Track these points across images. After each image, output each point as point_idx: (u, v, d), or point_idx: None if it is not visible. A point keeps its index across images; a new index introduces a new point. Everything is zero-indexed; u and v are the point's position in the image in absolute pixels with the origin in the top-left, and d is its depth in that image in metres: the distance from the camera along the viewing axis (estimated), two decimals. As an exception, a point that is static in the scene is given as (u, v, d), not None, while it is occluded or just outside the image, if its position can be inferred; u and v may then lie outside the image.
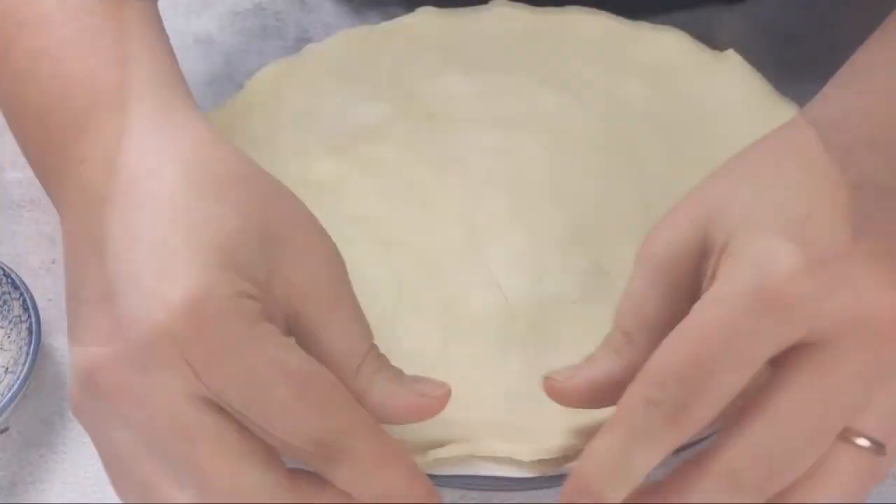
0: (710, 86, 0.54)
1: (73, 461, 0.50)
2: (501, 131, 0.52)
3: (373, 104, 0.54)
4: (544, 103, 0.54)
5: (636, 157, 0.51)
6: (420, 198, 0.49)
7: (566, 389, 0.37)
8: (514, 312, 0.44)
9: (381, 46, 0.58)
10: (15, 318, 0.52)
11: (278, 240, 0.36)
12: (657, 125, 0.52)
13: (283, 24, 0.76)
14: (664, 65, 0.56)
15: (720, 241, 0.34)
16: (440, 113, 0.54)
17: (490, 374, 0.42)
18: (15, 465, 0.50)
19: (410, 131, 0.52)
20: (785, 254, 0.32)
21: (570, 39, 0.58)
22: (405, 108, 0.54)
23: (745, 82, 0.53)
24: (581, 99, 0.54)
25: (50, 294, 0.58)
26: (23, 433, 0.51)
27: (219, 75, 0.72)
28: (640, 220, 0.47)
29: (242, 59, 0.73)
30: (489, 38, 0.56)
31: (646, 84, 0.55)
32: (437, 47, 0.57)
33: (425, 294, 0.45)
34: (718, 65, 0.55)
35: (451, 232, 0.47)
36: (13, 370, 0.50)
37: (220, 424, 0.33)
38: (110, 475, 0.37)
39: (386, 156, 0.51)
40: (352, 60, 0.57)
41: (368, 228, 0.48)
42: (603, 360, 0.36)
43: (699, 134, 0.52)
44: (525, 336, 0.43)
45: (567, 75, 0.56)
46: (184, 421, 0.33)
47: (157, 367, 0.33)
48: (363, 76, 0.56)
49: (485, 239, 0.47)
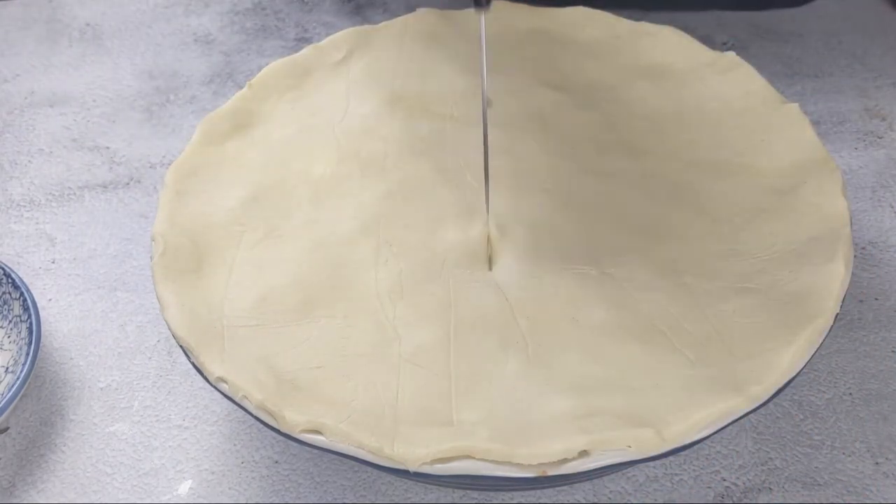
0: (710, 86, 0.54)
1: (73, 461, 0.50)
2: (501, 131, 0.52)
3: (373, 104, 0.54)
4: (544, 103, 0.54)
5: (636, 156, 0.51)
6: (420, 197, 0.49)
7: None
8: (514, 312, 0.44)
9: (381, 46, 0.58)
10: (15, 318, 0.52)
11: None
12: (657, 125, 0.52)
13: (283, 24, 0.76)
14: (664, 65, 0.56)
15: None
16: (440, 113, 0.54)
17: (490, 374, 0.42)
18: (15, 465, 0.50)
19: (411, 131, 0.52)
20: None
21: (571, 39, 0.58)
22: (405, 107, 0.54)
23: (745, 82, 0.53)
24: (581, 99, 0.54)
25: (50, 294, 0.58)
26: (23, 433, 0.51)
27: (219, 74, 0.72)
28: (640, 219, 0.47)
29: (242, 58, 0.73)
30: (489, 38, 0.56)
31: (646, 84, 0.55)
32: (436, 47, 0.57)
33: (426, 294, 0.45)
34: (718, 65, 0.55)
35: (451, 231, 0.47)
36: (13, 370, 0.50)
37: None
38: None
39: (386, 155, 0.51)
40: (353, 60, 0.57)
41: (368, 228, 0.48)
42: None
43: (699, 134, 0.52)
44: (525, 336, 0.43)
45: (567, 75, 0.56)
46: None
47: None
48: (363, 76, 0.56)
49: (485, 238, 0.47)
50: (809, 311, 0.42)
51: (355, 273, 0.46)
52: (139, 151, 0.66)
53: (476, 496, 0.47)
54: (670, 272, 0.45)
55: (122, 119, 0.69)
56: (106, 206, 0.63)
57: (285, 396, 0.41)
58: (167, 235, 0.47)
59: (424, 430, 0.39)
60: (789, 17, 0.72)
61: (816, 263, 0.44)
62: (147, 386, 0.53)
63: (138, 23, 0.77)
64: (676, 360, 0.41)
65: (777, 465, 0.47)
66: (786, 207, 0.47)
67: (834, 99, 0.65)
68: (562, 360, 0.42)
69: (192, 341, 0.43)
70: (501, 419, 0.40)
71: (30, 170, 0.66)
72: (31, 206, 0.63)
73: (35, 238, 0.61)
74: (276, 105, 0.55)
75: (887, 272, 0.55)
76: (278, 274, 0.46)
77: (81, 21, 0.78)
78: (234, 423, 0.51)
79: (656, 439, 0.38)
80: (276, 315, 0.45)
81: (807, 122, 0.51)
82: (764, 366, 0.40)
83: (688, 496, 0.46)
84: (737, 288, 0.44)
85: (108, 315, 0.57)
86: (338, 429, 0.39)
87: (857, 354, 0.51)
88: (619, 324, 0.43)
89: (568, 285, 0.45)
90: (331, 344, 0.43)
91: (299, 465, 0.49)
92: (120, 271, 0.59)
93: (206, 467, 0.49)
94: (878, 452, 0.47)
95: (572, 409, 0.40)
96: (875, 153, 0.62)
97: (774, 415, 0.49)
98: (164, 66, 0.73)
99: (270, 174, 0.51)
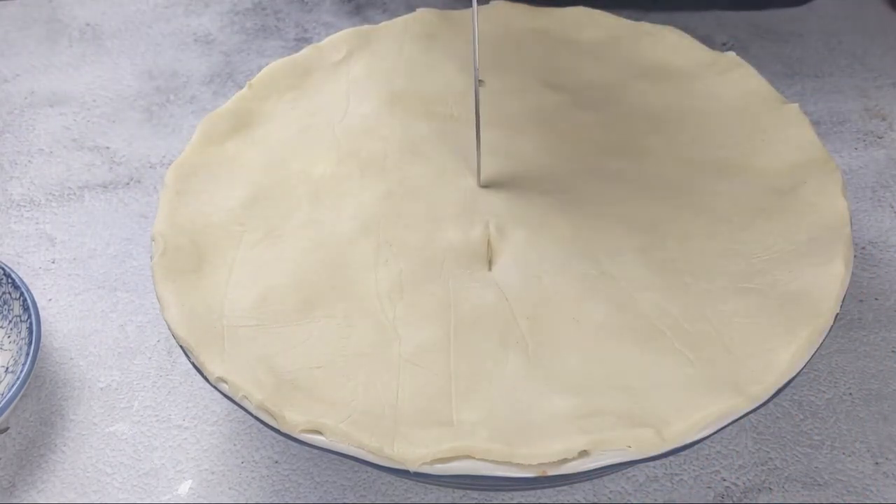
0: (710, 86, 0.54)
1: (73, 461, 0.50)
2: (501, 131, 0.52)
3: (373, 104, 0.54)
4: (544, 103, 0.54)
5: (636, 156, 0.51)
6: (420, 197, 0.49)
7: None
8: (514, 312, 0.44)
9: (381, 46, 0.58)
10: (15, 318, 0.52)
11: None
12: (657, 125, 0.52)
13: (283, 24, 0.76)
14: (664, 65, 0.56)
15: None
16: (440, 112, 0.54)
17: (490, 373, 0.42)
18: (15, 465, 0.50)
19: (411, 131, 0.52)
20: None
21: (571, 39, 0.58)
22: (405, 107, 0.54)
23: (745, 82, 0.53)
24: (581, 99, 0.54)
25: (50, 294, 0.58)
26: (23, 433, 0.51)
27: (219, 74, 0.72)
28: (640, 219, 0.47)
29: (242, 58, 0.73)
30: (489, 38, 0.56)
31: (646, 84, 0.55)
32: (436, 47, 0.57)
33: (426, 294, 0.45)
34: (718, 65, 0.55)
35: (451, 231, 0.47)
36: (13, 370, 0.50)
37: None
38: None
39: (386, 155, 0.51)
40: (353, 60, 0.57)
41: (368, 228, 0.48)
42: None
43: (699, 134, 0.52)
44: (525, 336, 0.43)
45: (567, 75, 0.56)
46: None
47: None
48: (363, 76, 0.56)
49: (485, 238, 0.47)
50: (809, 311, 0.42)
51: (355, 273, 0.46)
52: (139, 151, 0.66)
53: (476, 496, 0.47)
54: (670, 272, 0.45)
55: (122, 119, 0.69)
56: (106, 206, 0.63)
57: (285, 396, 0.41)
58: (167, 235, 0.47)
59: (424, 430, 0.39)
60: (789, 17, 0.72)
61: (816, 263, 0.44)
62: (147, 386, 0.53)
63: (138, 23, 0.77)
64: (676, 360, 0.41)
65: (777, 465, 0.47)
66: (786, 207, 0.47)
67: (834, 99, 0.65)
68: (562, 360, 0.42)
69: (192, 341, 0.43)
70: (501, 419, 0.40)
71: (30, 170, 0.66)
72: (31, 206, 0.63)
73: (35, 238, 0.61)
74: (276, 105, 0.55)
75: (887, 272, 0.55)
76: (278, 274, 0.46)
77: (81, 21, 0.78)
78: (234, 423, 0.51)
79: (656, 439, 0.38)
80: (276, 315, 0.45)
81: (807, 122, 0.51)
82: (764, 366, 0.40)
83: (688, 496, 0.46)
84: (737, 288, 0.44)
85: (108, 315, 0.57)
86: (338, 429, 0.39)
87: (857, 354, 0.51)
88: (619, 324, 0.43)
89: (568, 285, 0.44)
90: (331, 344, 0.43)
91: (299, 465, 0.49)
92: (120, 271, 0.59)
93: (206, 467, 0.49)
94: (878, 452, 0.47)
95: (572, 409, 0.40)
96: (875, 153, 0.62)
97: (774, 415, 0.49)
98: (164, 66, 0.73)
99: (270, 174, 0.51)
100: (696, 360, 0.41)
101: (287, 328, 0.44)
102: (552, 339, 0.43)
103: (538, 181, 0.49)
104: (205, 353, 0.43)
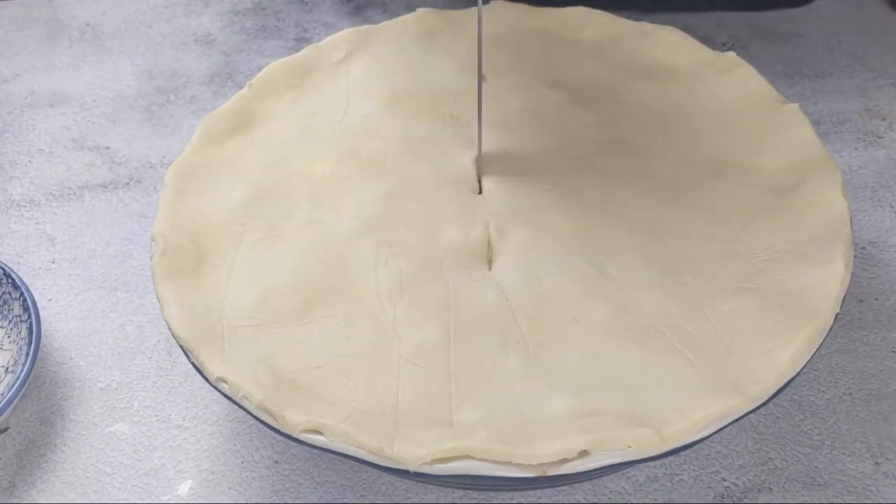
0: (710, 86, 0.54)
1: (73, 461, 0.50)
2: (502, 131, 0.52)
3: (373, 104, 0.54)
4: (544, 103, 0.54)
5: (636, 156, 0.51)
6: (420, 197, 0.49)
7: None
8: (514, 312, 0.44)
9: (381, 46, 0.58)
10: (15, 318, 0.52)
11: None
12: (657, 125, 0.52)
13: (283, 24, 0.76)
14: (664, 65, 0.56)
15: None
16: (440, 113, 0.54)
17: (490, 373, 0.42)
18: (15, 465, 0.50)
19: (411, 131, 0.52)
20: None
21: (571, 39, 0.58)
22: (405, 107, 0.54)
23: (745, 82, 0.53)
24: (581, 99, 0.54)
25: (50, 294, 0.58)
26: (23, 433, 0.51)
27: (219, 74, 0.72)
28: (640, 219, 0.47)
29: (242, 58, 0.73)
30: (489, 37, 0.56)
31: (646, 84, 0.55)
32: (436, 47, 0.57)
33: (426, 294, 0.45)
34: (718, 65, 0.55)
35: (451, 231, 0.47)
36: (13, 370, 0.50)
37: None
38: None
39: (386, 155, 0.51)
40: (353, 60, 0.57)
41: (368, 228, 0.48)
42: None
43: (699, 133, 0.52)
44: (525, 336, 0.43)
45: (567, 75, 0.56)
46: None
47: None
48: (363, 76, 0.56)
49: (485, 238, 0.47)
50: (809, 311, 0.42)
51: (355, 273, 0.46)
52: (139, 151, 0.66)
53: (476, 496, 0.47)
54: (670, 272, 0.45)
55: (122, 119, 0.69)
56: (106, 206, 0.63)
57: (285, 396, 0.41)
58: (167, 235, 0.47)
59: (424, 430, 0.39)
60: (789, 17, 0.72)
61: (816, 263, 0.44)
62: (147, 386, 0.53)
63: (138, 23, 0.77)
64: (676, 360, 0.41)
65: (777, 465, 0.47)
66: (785, 207, 0.47)
67: (834, 99, 0.65)
68: (562, 360, 0.42)
69: (192, 341, 0.43)
70: (501, 419, 0.40)
71: (30, 170, 0.66)
72: (31, 206, 0.63)
73: (35, 238, 0.61)
74: (276, 105, 0.55)
75: (887, 272, 0.55)
76: (278, 274, 0.46)
77: (81, 21, 0.78)
78: (234, 423, 0.51)
79: (656, 439, 0.38)
80: (276, 315, 0.45)
81: (807, 122, 0.51)
82: (764, 366, 0.40)
83: (688, 496, 0.46)
84: (736, 288, 0.44)
85: (108, 315, 0.57)
86: (338, 429, 0.39)
87: (857, 354, 0.51)
88: (619, 324, 0.43)
89: (568, 285, 0.44)
90: (331, 344, 0.43)
91: (299, 465, 0.49)
92: (120, 271, 0.59)
93: (206, 467, 0.49)
94: (878, 452, 0.47)
95: (572, 409, 0.40)
96: (875, 153, 0.62)
97: (774, 415, 0.49)
98: (164, 66, 0.73)
99: (270, 174, 0.51)
100: (696, 360, 0.41)
101: (287, 328, 0.44)
102: (552, 339, 0.43)
103: (538, 181, 0.49)
104: (205, 353, 0.43)
